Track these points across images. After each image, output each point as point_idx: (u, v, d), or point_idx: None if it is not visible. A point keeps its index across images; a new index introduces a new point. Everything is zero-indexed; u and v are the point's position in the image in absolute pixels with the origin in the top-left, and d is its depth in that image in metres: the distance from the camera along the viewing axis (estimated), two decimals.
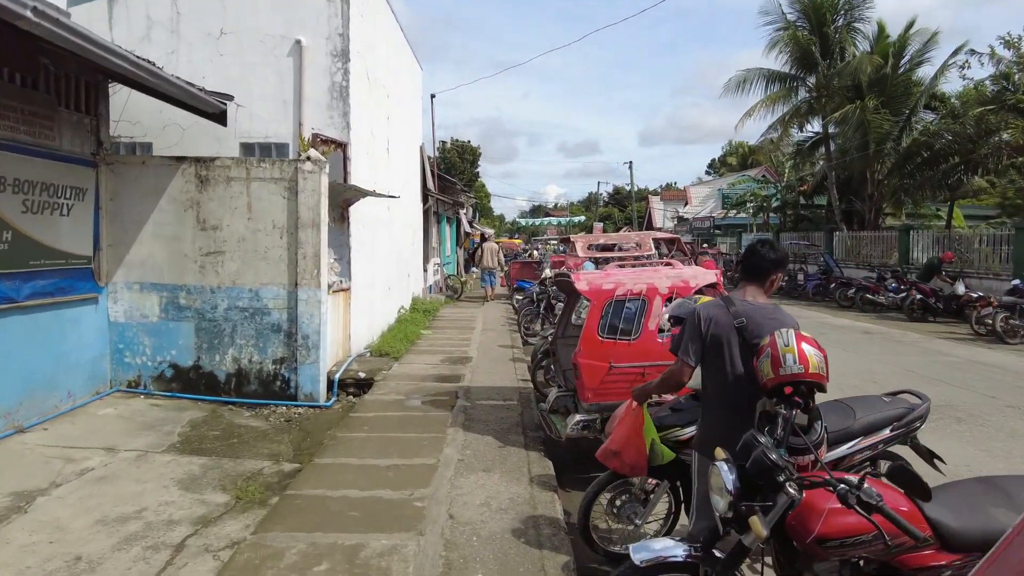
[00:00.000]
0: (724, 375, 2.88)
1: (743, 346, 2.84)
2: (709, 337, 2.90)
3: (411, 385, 7.22)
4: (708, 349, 2.91)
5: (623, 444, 3.30)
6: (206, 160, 7.08)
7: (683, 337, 2.98)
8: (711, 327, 2.90)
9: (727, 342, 2.87)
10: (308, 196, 6.95)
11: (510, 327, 12.14)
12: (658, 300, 4.79)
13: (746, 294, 2.98)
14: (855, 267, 21.15)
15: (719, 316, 2.91)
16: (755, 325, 2.83)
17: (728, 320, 2.88)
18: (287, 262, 7.04)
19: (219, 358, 7.16)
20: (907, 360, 9.99)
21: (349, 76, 8.28)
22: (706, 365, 2.95)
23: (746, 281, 3.02)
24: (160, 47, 8.25)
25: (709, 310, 2.96)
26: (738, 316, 2.86)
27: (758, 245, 3.01)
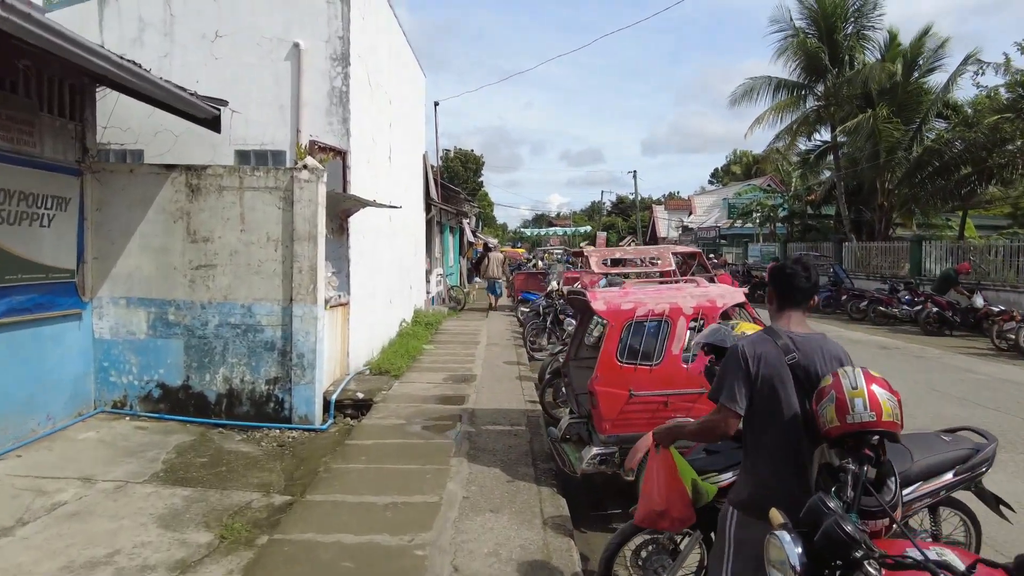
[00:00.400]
0: (777, 423, 2.46)
1: (797, 387, 2.44)
2: (760, 379, 2.47)
3: (412, 407, 6.81)
4: (758, 393, 2.47)
5: (667, 499, 2.86)
6: (197, 168, 6.71)
7: (726, 379, 2.52)
8: (761, 366, 2.47)
9: (780, 383, 2.45)
10: (304, 206, 6.57)
11: (515, 341, 11.73)
12: (682, 321, 4.40)
13: (790, 323, 2.58)
14: (865, 278, 20.71)
15: (769, 353, 2.49)
16: (807, 360, 2.45)
17: (779, 356, 2.47)
18: (282, 276, 6.66)
19: (209, 377, 6.76)
20: (931, 378, 9.55)
21: (349, 80, 7.92)
22: (753, 411, 2.50)
23: (786, 307, 2.61)
24: (152, 50, 7.91)
25: (756, 346, 2.53)
26: (788, 351, 2.47)
27: (795, 265, 2.61)
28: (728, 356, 2.57)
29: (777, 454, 2.48)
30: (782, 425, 2.45)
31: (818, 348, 2.50)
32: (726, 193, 43.97)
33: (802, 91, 23.63)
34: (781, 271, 2.62)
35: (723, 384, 2.51)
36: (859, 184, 23.96)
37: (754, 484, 2.53)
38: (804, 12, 22.75)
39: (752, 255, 30.79)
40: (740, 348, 2.53)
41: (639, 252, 5.31)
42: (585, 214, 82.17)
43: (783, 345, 2.49)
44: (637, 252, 5.31)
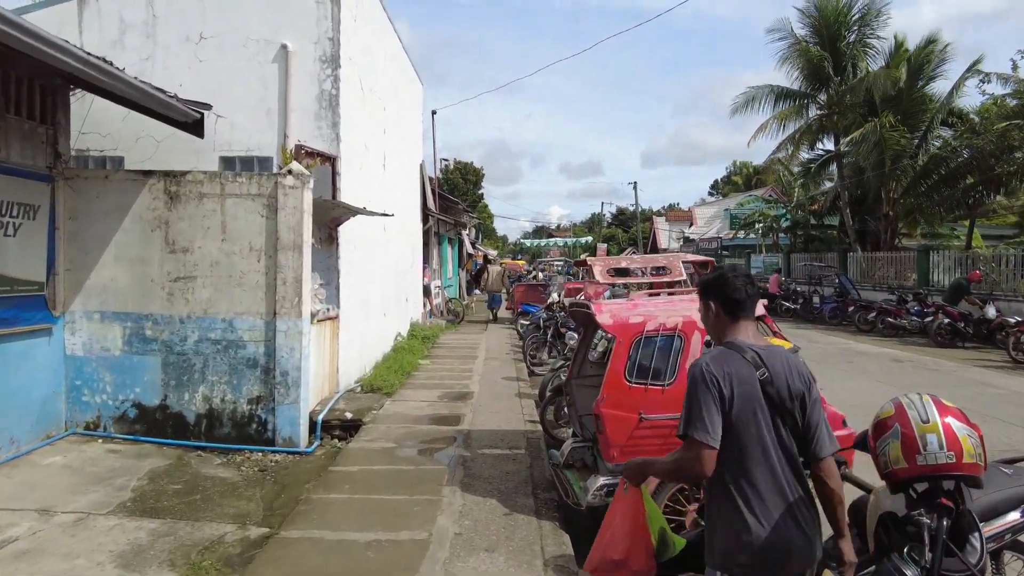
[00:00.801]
0: (763, 456, 2.11)
1: (772, 409, 2.14)
2: (735, 402, 2.11)
3: (403, 429, 6.37)
4: (735, 420, 2.11)
5: (628, 549, 2.44)
6: (176, 174, 6.33)
7: (693, 407, 2.13)
8: (735, 387, 2.11)
9: (759, 406, 2.12)
10: (289, 214, 6.18)
11: (514, 355, 11.31)
12: (697, 336, 3.99)
13: (748, 334, 2.27)
14: (871, 289, 20.31)
15: (741, 370, 2.14)
16: (777, 377, 2.16)
17: (751, 374, 2.14)
18: (265, 289, 6.26)
19: (188, 397, 6.34)
20: (950, 393, 9.00)
21: (339, 84, 7.57)
22: (730, 444, 2.12)
23: (739, 316, 2.29)
24: (134, 52, 7.57)
25: (723, 363, 2.17)
26: (758, 366, 2.16)
27: (731, 273, 2.34)
28: (691, 379, 2.18)
29: (768, 495, 2.09)
30: (767, 458, 2.10)
31: (784, 362, 2.21)
32: (727, 204, 43.67)
33: (804, 100, 23.34)
34: (723, 278, 2.32)
35: (691, 414, 2.12)
36: (863, 193, 23.62)
37: (744, 539, 2.10)
38: (806, 21, 22.52)
39: (755, 266, 30.41)
40: (704, 367, 2.15)
41: (647, 261, 4.90)
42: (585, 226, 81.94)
43: (752, 360, 2.17)
44: (645, 261, 4.90)
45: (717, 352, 2.26)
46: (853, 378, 9.91)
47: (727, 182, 62.06)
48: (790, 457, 2.14)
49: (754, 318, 2.32)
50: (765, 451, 2.11)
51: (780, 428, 2.13)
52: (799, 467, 2.16)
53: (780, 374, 2.15)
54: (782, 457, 2.12)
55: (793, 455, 2.15)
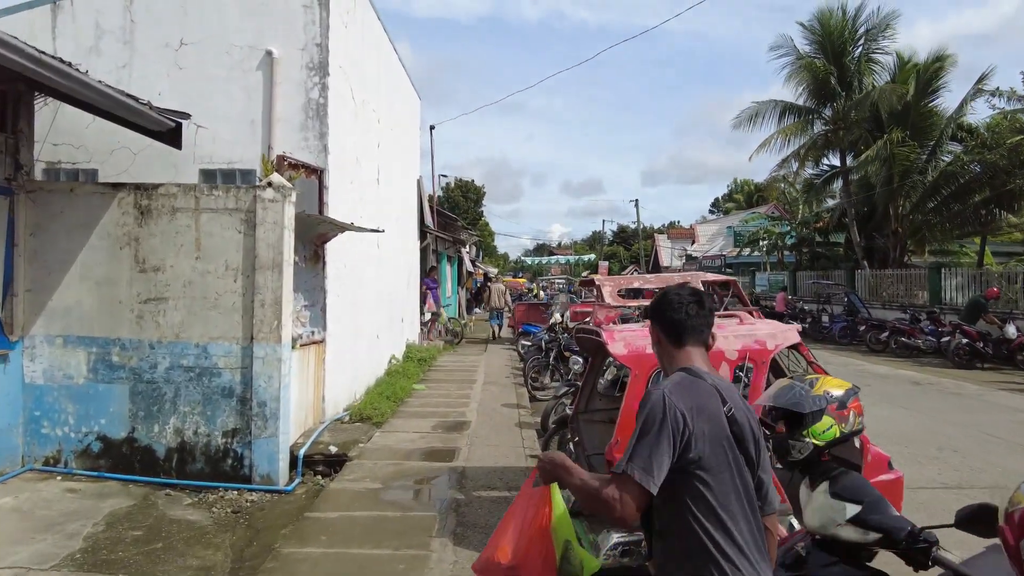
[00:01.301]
0: (736, 503, 1.81)
1: (739, 450, 1.86)
2: (707, 442, 1.79)
3: (391, 466, 5.79)
4: (707, 462, 1.79)
5: (522, 554, 2.06)
6: (147, 187, 5.85)
7: (641, 443, 1.77)
8: (704, 424, 1.80)
9: (728, 447, 1.83)
10: (268, 230, 5.68)
11: (515, 379, 10.74)
12: (725, 368, 3.46)
13: (703, 364, 1.98)
14: (881, 307, 19.78)
15: (710, 405, 1.84)
16: (739, 413, 1.88)
17: (719, 409, 1.85)
18: (242, 311, 5.74)
19: (158, 429, 5.80)
20: (979, 420, 8.54)
21: (327, 92, 7.11)
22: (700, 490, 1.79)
23: (687, 342, 1.99)
24: (110, 60, 7.13)
25: (692, 395, 1.84)
26: (724, 399, 1.87)
27: (673, 291, 2.05)
28: (648, 408, 1.82)
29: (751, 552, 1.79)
30: (743, 507, 1.81)
31: (740, 397, 1.96)
32: (730, 221, 43.28)
33: (810, 115, 23.01)
34: (661, 297, 2.06)
35: (636, 449, 1.76)
36: (870, 210, 23.21)
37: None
38: (810, 37, 22.29)
39: (759, 284, 29.88)
40: (666, 397, 1.81)
41: (661, 281, 4.38)
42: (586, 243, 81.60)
43: (717, 391, 1.88)
44: (659, 281, 4.38)
45: (680, 379, 1.91)
46: (876, 404, 9.34)
47: (729, 198, 61.79)
48: (755, 510, 1.87)
49: (704, 344, 2.00)
50: (739, 499, 1.82)
51: (745, 474, 1.85)
52: (760, 522, 1.88)
53: (742, 411, 1.88)
54: (750, 507, 1.84)
55: (756, 506, 1.87)
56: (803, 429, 2.35)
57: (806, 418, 2.34)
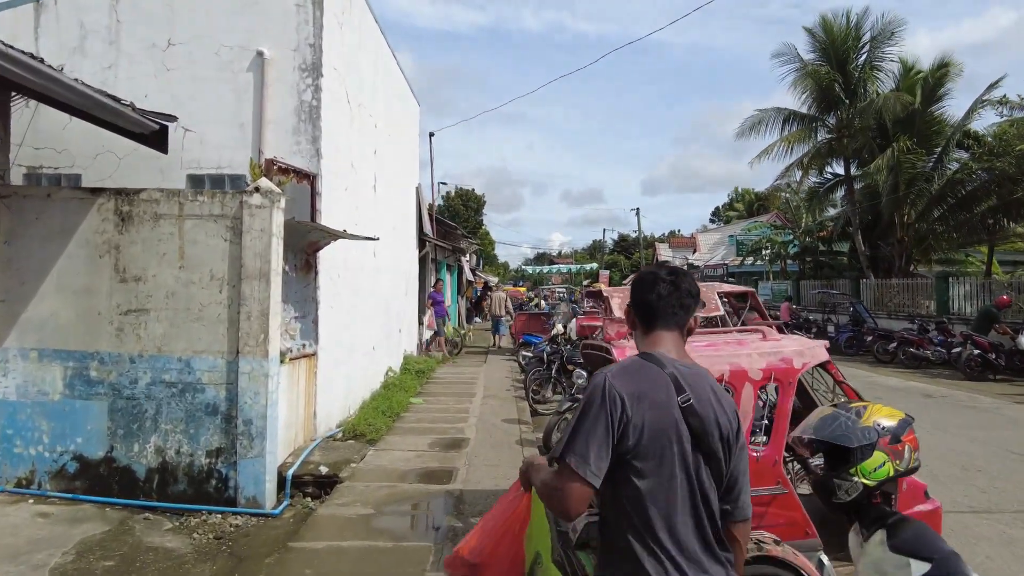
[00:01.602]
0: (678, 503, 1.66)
1: (696, 444, 1.69)
2: (645, 432, 1.65)
3: (384, 489, 5.44)
4: (642, 455, 1.65)
5: (489, 553, 2.05)
6: (128, 192, 5.54)
7: (579, 430, 1.68)
8: (644, 412, 1.66)
9: (677, 439, 1.67)
10: (255, 238, 5.37)
11: (515, 392, 10.40)
12: (748, 389, 3.14)
13: (670, 349, 1.82)
14: (886, 317, 19.45)
15: (656, 392, 1.69)
16: (702, 405, 1.71)
17: (669, 397, 1.69)
18: (227, 324, 5.42)
19: (138, 448, 5.47)
20: (1000, 436, 8.20)
21: (321, 94, 6.83)
22: (630, 485, 1.67)
23: (655, 326, 1.85)
24: (95, 60, 6.85)
25: (637, 380, 1.71)
26: (680, 388, 1.71)
27: (650, 270, 1.92)
28: (589, 393, 1.73)
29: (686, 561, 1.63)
30: (687, 508, 1.66)
31: (711, 389, 1.76)
32: (731, 230, 43.03)
33: (813, 123, 22.77)
34: (638, 277, 1.94)
35: (573, 436, 1.68)
36: (875, 218, 22.93)
37: None
38: (814, 44, 22.09)
39: (763, 293, 29.52)
40: (606, 381, 1.70)
41: None
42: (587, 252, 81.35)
43: (672, 378, 1.71)
44: None
45: (629, 363, 1.79)
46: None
47: (730, 207, 61.63)
48: (711, 512, 1.69)
49: (679, 329, 1.85)
50: (685, 497, 1.66)
51: (702, 472, 1.68)
52: (718, 525, 1.71)
53: (707, 404, 1.70)
54: (705, 510, 1.68)
55: (714, 509, 1.70)
56: (851, 466, 2.02)
57: (854, 453, 2.02)
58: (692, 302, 1.88)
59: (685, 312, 1.85)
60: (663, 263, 2.04)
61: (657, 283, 1.84)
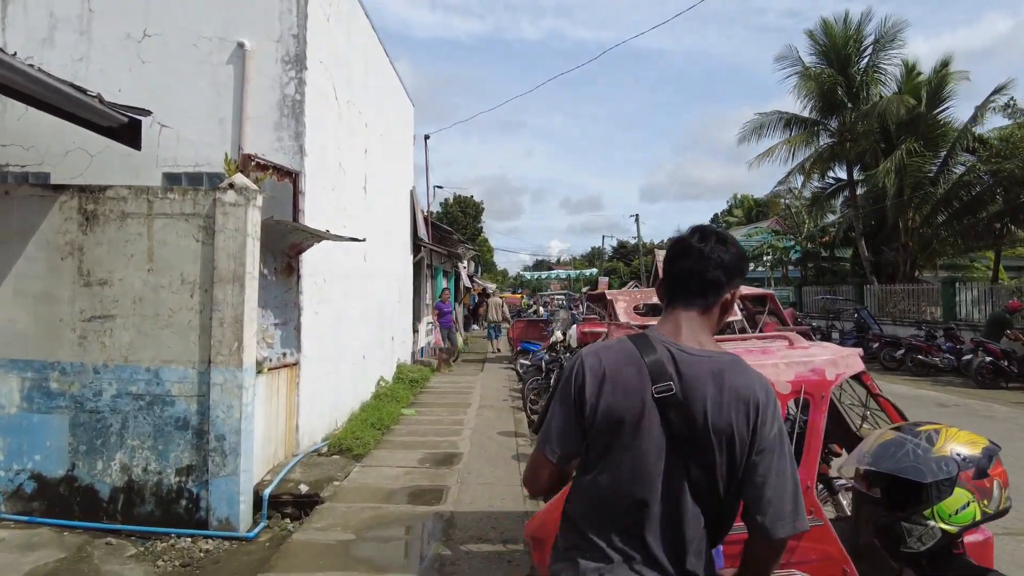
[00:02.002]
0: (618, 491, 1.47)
1: (670, 442, 1.45)
2: (598, 417, 1.49)
3: (368, 510, 5.01)
4: (593, 443, 1.52)
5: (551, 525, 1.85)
6: (93, 190, 5.15)
7: (549, 409, 1.62)
8: (603, 395, 1.50)
9: (632, 429, 1.46)
10: (229, 238, 4.97)
11: (512, 401, 9.97)
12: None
13: (679, 329, 1.56)
14: (891, 323, 19.05)
15: (626, 374, 1.50)
16: (691, 397, 1.44)
17: (640, 380, 1.48)
18: (199, 331, 5.02)
19: (102, 466, 5.05)
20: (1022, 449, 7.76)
21: (305, 88, 6.44)
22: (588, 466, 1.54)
23: (675, 303, 1.61)
24: (65, 52, 6.48)
25: (608, 359, 1.55)
26: (661, 375, 1.47)
27: (694, 237, 1.60)
28: (564, 369, 1.77)
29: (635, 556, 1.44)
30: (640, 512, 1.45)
31: (713, 379, 1.46)
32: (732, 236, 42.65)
33: (815, 127, 22.44)
34: (677, 247, 1.63)
35: (545, 411, 1.72)
36: (878, 223, 22.58)
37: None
38: (815, 48, 21.77)
39: None
40: (579, 358, 1.59)
41: None
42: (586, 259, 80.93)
43: (653, 363, 1.49)
44: None
45: (614, 342, 1.61)
46: None
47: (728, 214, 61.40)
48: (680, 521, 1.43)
49: (700, 307, 1.57)
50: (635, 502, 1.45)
51: (676, 474, 1.44)
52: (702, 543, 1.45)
53: (699, 397, 1.44)
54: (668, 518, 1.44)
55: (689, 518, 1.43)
56: (924, 507, 1.61)
57: (928, 491, 1.61)
58: (721, 275, 1.55)
59: (710, 287, 1.55)
60: (701, 226, 1.67)
61: (680, 251, 1.58)
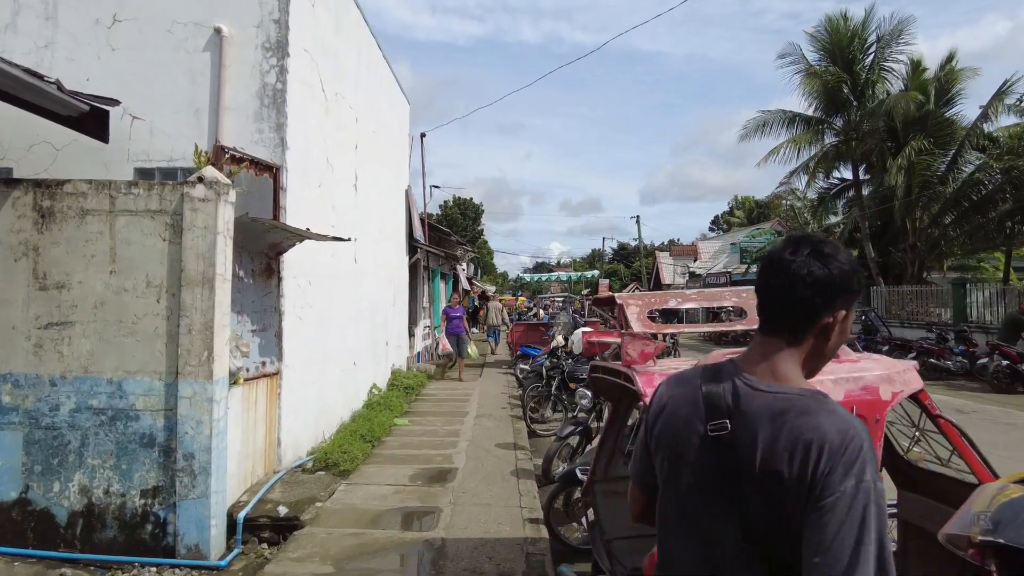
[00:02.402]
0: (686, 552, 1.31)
1: (722, 485, 1.24)
2: (656, 447, 1.38)
3: (351, 537, 4.53)
4: (658, 471, 1.38)
5: None
6: (50, 185, 4.70)
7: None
8: (657, 423, 1.39)
9: (684, 465, 1.30)
10: (198, 237, 4.52)
11: (512, 410, 9.50)
12: None
13: (757, 359, 1.29)
14: (899, 325, 18.60)
15: (680, 403, 1.35)
16: (748, 442, 1.21)
17: (690, 417, 1.30)
18: (166, 339, 4.56)
19: (59, 488, 4.60)
20: None
21: (287, 76, 6.00)
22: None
23: (761, 328, 1.33)
24: (29, 38, 6.04)
25: (669, 385, 1.42)
26: (716, 411, 1.26)
27: (785, 249, 1.29)
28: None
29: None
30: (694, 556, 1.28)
31: (772, 418, 1.20)
32: (733, 238, 42.25)
33: (820, 125, 22.01)
34: (771, 262, 1.32)
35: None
36: (884, 224, 22.13)
37: None
38: (817, 46, 21.35)
39: None
40: (656, 394, 1.46)
41: (708, 299, 3.20)
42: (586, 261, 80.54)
43: (709, 397, 1.28)
44: (705, 298, 3.20)
45: (687, 370, 1.43)
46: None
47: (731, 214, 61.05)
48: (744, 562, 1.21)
49: (785, 335, 1.29)
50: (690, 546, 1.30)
51: (732, 521, 1.22)
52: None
53: (750, 434, 1.20)
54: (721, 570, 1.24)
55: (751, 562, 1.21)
56: None
57: None
58: (812, 295, 1.24)
59: (797, 311, 1.26)
60: (798, 235, 1.33)
61: (767, 265, 1.31)
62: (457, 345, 13.00)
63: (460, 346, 13.05)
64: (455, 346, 13.09)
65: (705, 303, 3.20)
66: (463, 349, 13.16)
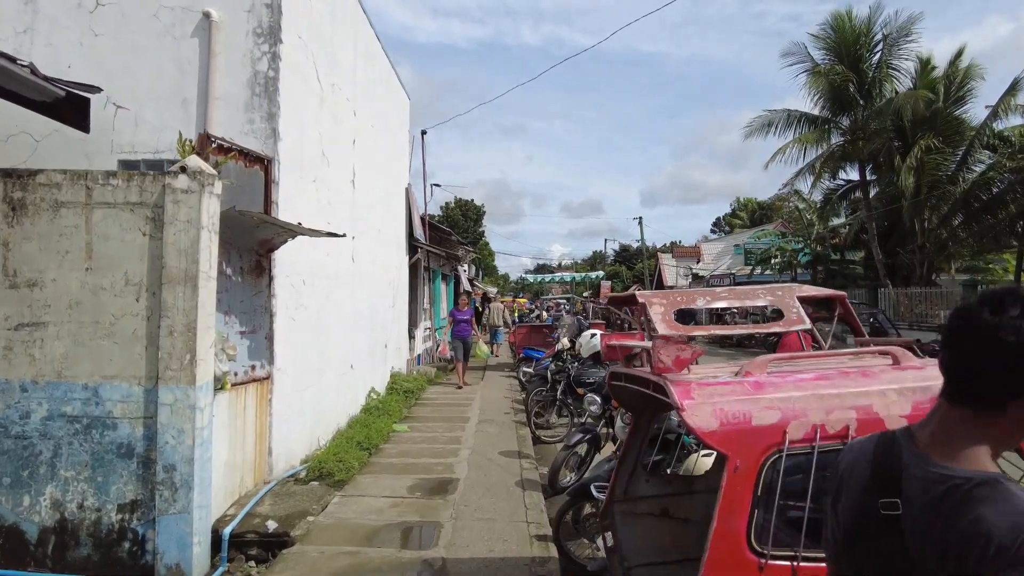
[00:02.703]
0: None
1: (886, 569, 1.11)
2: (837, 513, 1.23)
3: (344, 556, 4.19)
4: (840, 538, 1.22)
5: None
6: (20, 175, 4.37)
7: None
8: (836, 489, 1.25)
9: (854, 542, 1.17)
10: (180, 231, 4.19)
11: (515, 415, 9.16)
12: None
13: (934, 430, 1.11)
14: (908, 328, 18.24)
15: (854, 472, 1.22)
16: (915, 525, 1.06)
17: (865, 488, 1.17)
18: (146, 341, 4.24)
19: (30, 502, 4.27)
20: None
21: (279, 63, 5.68)
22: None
23: (944, 394, 1.11)
24: (6, 24, 5.72)
25: (849, 450, 1.29)
26: (886, 486, 1.13)
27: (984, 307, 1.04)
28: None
29: None
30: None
31: (941, 504, 1.03)
32: (736, 239, 41.90)
33: (826, 125, 21.67)
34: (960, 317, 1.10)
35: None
36: (891, 225, 21.79)
37: None
38: (821, 45, 21.03)
39: None
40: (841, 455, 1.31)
41: (737, 296, 2.85)
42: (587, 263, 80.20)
43: (880, 470, 1.15)
44: (737, 296, 2.86)
45: (866, 438, 1.26)
46: None
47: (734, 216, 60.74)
48: None
49: (970, 407, 1.06)
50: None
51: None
52: None
53: (917, 520, 1.06)
54: None
55: None
56: None
57: None
58: (1003, 364, 1.02)
59: (990, 382, 1.04)
60: (1005, 289, 1.08)
61: (959, 324, 1.08)
62: (463, 348, 12.38)
63: (467, 348, 12.50)
64: (459, 349, 12.45)
65: (736, 302, 2.87)
66: (470, 351, 12.67)
